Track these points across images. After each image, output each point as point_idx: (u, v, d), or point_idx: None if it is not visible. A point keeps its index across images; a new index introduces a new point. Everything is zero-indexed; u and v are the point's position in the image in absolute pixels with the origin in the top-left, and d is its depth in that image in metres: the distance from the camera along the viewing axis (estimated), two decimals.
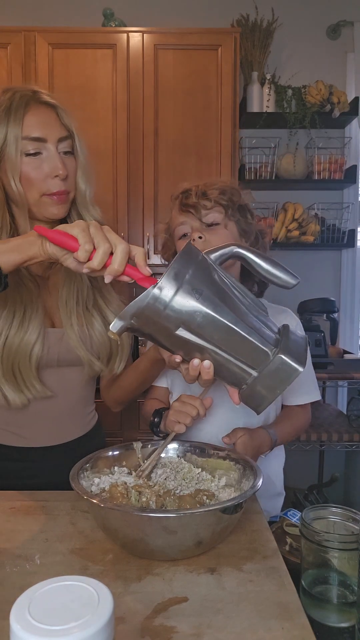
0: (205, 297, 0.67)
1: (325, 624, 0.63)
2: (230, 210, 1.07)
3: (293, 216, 2.61)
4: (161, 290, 0.66)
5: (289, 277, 0.75)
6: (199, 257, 0.70)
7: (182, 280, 0.67)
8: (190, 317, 0.67)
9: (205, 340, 0.69)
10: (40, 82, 2.38)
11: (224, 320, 0.67)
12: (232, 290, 0.71)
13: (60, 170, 0.95)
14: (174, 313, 0.67)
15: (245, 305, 0.71)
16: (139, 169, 2.45)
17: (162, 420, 1.02)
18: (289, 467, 2.75)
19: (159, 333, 0.70)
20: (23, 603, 0.40)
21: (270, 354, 0.68)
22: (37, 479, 1.01)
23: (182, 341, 0.69)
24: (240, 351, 0.69)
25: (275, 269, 0.75)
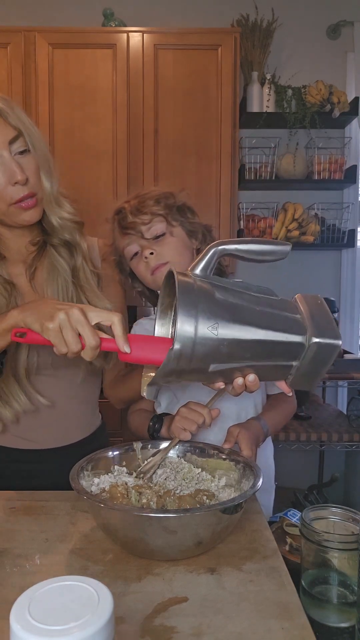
0: (221, 326, 0.66)
1: (325, 624, 0.63)
2: (170, 216, 1.06)
3: (293, 216, 2.61)
4: (180, 348, 0.65)
5: (280, 246, 0.73)
6: (194, 288, 0.68)
7: (194, 326, 0.65)
8: (216, 353, 0.66)
9: (239, 362, 0.68)
10: (40, 82, 2.38)
11: (248, 338, 0.67)
12: (239, 298, 0.69)
13: (19, 175, 0.90)
14: (200, 359, 0.66)
15: (259, 304, 0.70)
16: (139, 169, 2.45)
17: (164, 425, 1.02)
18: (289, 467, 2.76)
19: (193, 377, 0.70)
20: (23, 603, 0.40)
21: (305, 342, 0.67)
22: (41, 481, 1.00)
23: (218, 373, 0.69)
24: (275, 354, 0.68)
25: (264, 246, 0.73)
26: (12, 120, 0.91)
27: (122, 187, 2.43)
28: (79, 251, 1.03)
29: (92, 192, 2.42)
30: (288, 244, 0.73)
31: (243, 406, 1.11)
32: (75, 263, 1.03)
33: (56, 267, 1.01)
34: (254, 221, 2.66)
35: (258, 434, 1.00)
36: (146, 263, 1.06)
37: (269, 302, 0.71)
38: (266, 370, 0.71)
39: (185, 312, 0.65)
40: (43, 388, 1.02)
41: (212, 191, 2.47)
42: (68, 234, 1.01)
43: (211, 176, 2.47)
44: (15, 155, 0.92)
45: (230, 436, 0.95)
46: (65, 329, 0.74)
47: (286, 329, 0.68)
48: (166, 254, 1.05)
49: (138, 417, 1.14)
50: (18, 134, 0.91)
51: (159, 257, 1.04)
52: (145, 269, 1.07)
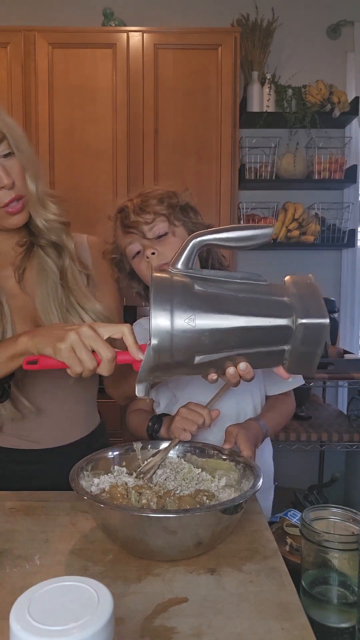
0: (199, 317, 0.65)
1: (325, 625, 0.63)
2: (173, 216, 1.06)
3: (293, 216, 2.61)
4: (158, 342, 0.65)
5: (261, 230, 0.71)
6: (170, 282, 0.68)
7: (170, 320, 0.65)
8: (198, 344, 0.66)
9: (226, 351, 0.68)
10: (40, 82, 2.38)
11: (229, 325, 0.66)
12: (220, 288, 0.69)
13: (5, 179, 0.90)
14: (182, 352, 0.66)
15: (242, 292, 0.69)
16: (139, 169, 2.45)
17: (163, 426, 1.02)
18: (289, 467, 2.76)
19: (181, 371, 0.69)
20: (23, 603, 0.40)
21: (292, 324, 0.66)
22: (41, 481, 1.00)
23: (206, 364, 0.68)
24: (262, 340, 0.67)
25: (244, 231, 0.71)
26: None
27: (122, 187, 2.43)
28: (66, 252, 1.03)
29: (92, 191, 2.42)
30: (270, 226, 0.72)
31: (242, 407, 1.11)
32: (63, 264, 1.02)
33: (45, 269, 1.01)
34: (254, 221, 2.66)
35: (257, 434, 1.00)
36: (148, 263, 1.06)
37: (253, 288, 0.70)
38: (258, 357, 0.70)
39: (159, 306, 0.65)
40: (37, 389, 1.02)
41: (212, 191, 2.47)
42: (54, 235, 1.01)
43: (211, 176, 2.47)
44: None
45: (230, 436, 0.95)
46: (78, 348, 0.73)
47: (270, 313, 0.67)
48: (168, 254, 1.05)
49: (137, 417, 1.14)
50: (1, 137, 0.90)
51: (161, 257, 1.04)
52: (147, 268, 1.07)
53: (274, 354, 0.69)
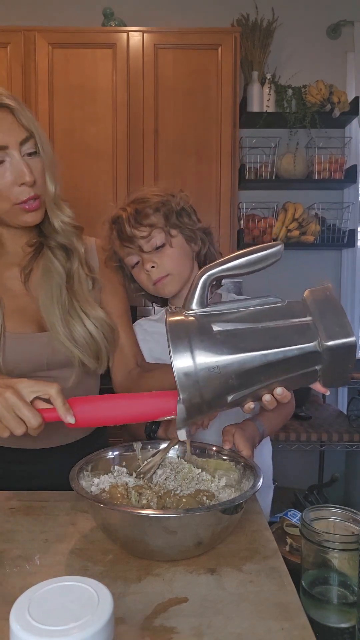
0: (223, 362, 0.64)
1: (325, 625, 0.63)
2: (169, 226, 1.05)
3: (293, 216, 2.61)
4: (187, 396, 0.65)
5: (271, 249, 0.68)
6: (186, 328, 0.67)
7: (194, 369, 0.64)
8: (227, 387, 0.65)
9: (257, 385, 0.67)
10: (40, 82, 2.38)
11: (254, 365, 0.65)
12: (238, 322, 0.67)
13: (27, 177, 0.91)
14: (211, 396, 0.65)
15: (261, 321, 0.67)
16: (139, 169, 2.45)
17: (161, 426, 1.02)
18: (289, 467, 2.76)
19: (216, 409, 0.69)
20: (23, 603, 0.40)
21: (319, 349, 0.64)
22: (41, 481, 1.00)
23: (240, 399, 0.68)
24: (291, 367, 0.66)
25: (252, 256, 0.69)
26: (25, 121, 0.92)
27: (122, 187, 2.43)
28: (75, 256, 1.03)
29: (92, 192, 2.42)
30: (279, 243, 0.69)
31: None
32: (71, 267, 1.03)
33: (51, 270, 1.01)
34: (254, 221, 2.66)
35: (254, 435, 1.00)
36: (148, 275, 1.06)
37: (272, 314, 0.68)
38: (291, 381, 0.68)
39: (179, 357, 0.64)
40: None
41: (212, 191, 2.47)
42: (66, 238, 1.02)
43: (211, 176, 2.47)
44: (24, 156, 0.92)
45: (228, 435, 0.95)
46: (3, 418, 0.73)
47: (294, 341, 0.65)
48: (167, 266, 1.05)
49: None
50: (29, 136, 0.92)
51: (160, 269, 1.05)
52: (147, 280, 1.07)
53: (306, 375, 0.67)
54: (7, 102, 0.91)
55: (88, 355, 1.01)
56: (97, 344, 1.02)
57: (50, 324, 0.99)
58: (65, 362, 1.01)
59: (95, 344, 1.02)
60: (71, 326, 1.00)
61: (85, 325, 1.01)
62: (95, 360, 1.03)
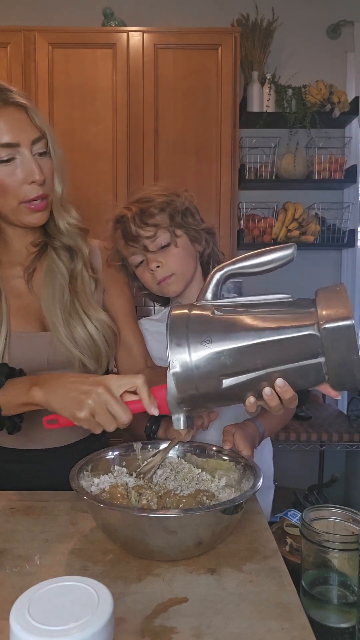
0: (216, 339, 0.64)
1: (325, 625, 0.63)
2: (174, 225, 1.05)
3: (293, 216, 2.61)
4: (177, 368, 0.65)
5: (283, 251, 0.69)
6: (187, 315, 0.68)
7: (186, 344, 0.64)
8: (220, 366, 0.65)
9: (254, 371, 0.65)
10: (40, 82, 2.38)
11: (250, 342, 0.64)
12: (242, 310, 0.67)
13: (37, 175, 0.92)
14: (205, 377, 0.65)
15: (263, 308, 0.67)
16: (139, 169, 2.45)
17: (161, 427, 1.02)
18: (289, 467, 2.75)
19: (212, 397, 0.68)
20: (23, 603, 0.40)
21: (316, 332, 0.62)
22: (41, 481, 1.00)
23: (237, 386, 0.66)
24: (290, 354, 0.64)
25: (267, 256, 0.69)
26: (38, 121, 0.93)
27: (122, 187, 2.43)
28: (79, 257, 1.03)
29: (92, 192, 2.42)
30: (291, 245, 0.69)
31: (241, 409, 1.10)
32: (75, 268, 1.03)
33: (54, 270, 1.02)
34: (254, 221, 2.66)
35: (254, 435, 1.00)
36: (152, 275, 1.06)
37: (276, 304, 0.68)
38: (293, 373, 0.65)
39: (173, 334, 0.65)
40: None
41: (212, 191, 2.47)
42: (72, 239, 1.02)
43: (211, 176, 2.47)
44: (35, 156, 0.93)
45: (228, 435, 0.95)
46: (97, 415, 0.74)
47: (291, 325, 0.64)
48: (172, 266, 1.05)
49: (135, 416, 1.14)
50: (41, 136, 0.94)
51: (165, 269, 1.05)
52: (151, 279, 1.07)
53: (310, 368, 0.65)
54: (22, 101, 0.92)
55: (88, 357, 1.01)
56: (97, 345, 1.02)
57: (51, 323, 0.99)
58: (65, 362, 1.01)
59: (95, 346, 1.02)
60: (72, 327, 1.00)
61: (86, 326, 1.01)
62: (95, 361, 1.03)
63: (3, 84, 0.94)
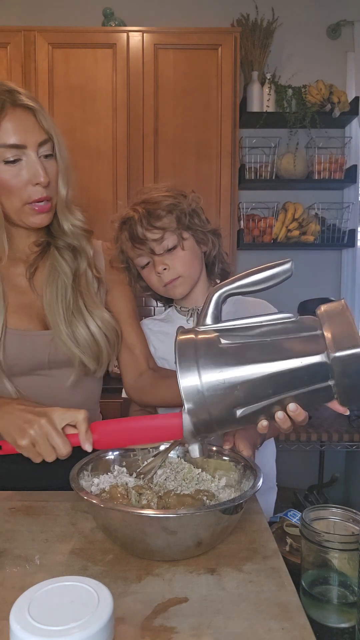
0: (227, 372, 0.64)
1: (325, 625, 0.63)
2: (182, 227, 1.04)
3: (293, 216, 2.61)
4: (191, 406, 0.64)
5: (281, 267, 0.69)
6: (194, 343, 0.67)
7: (199, 380, 0.64)
8: (233, 399, 0.64)
9: (267, 399, 0.66)
10: (40, 82, 2.38)
11: (260, 373, 0.64)
12: (248, 336, 0.67)
13: (42, 177, 0.92)
14: (218, 409, 0.65)
15: (270, 335, 0.66)
16: (139, 169, 2.45)
17: None
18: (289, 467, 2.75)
19: (227, 426, 0.68)
20: (23, 603, 0.40)
21: (327, 360, 0.63)
22: (40, 481, 1.00)
23: (250, 414, 0.66)
24: (301, 380, 0.64)
25: (265, 272, 0.69)
26: (45, 124, 0.94)
27: (122, 187, 2.44)
28: (83, 257, 1.04)
29: (92, 191, 2.42)
30: (288, 260, 0.69)
31: None
32: (79, 267, 1.03)
33: (57, 269, 1.02)
34: (254, 221, 2.66)
35: (255, 436, 1.00)
36: (159, 277, 1.06)
37: (282, 329, 0.67)
38: (304, 397, 0.66)
39: (185, 368, 0.65)
40: (38, 387, 1.02)
41: (212, 191, 2.47)
42: (76, 240, 1.03)
43: (211, 176, 2.47)
44: (40, 158, 0.94)
45: (228, 435, 0.95)
46: (37, 445, 0.78)
47: (301, 353, 0.64)
48: (178, 268, 1.05)
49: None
50: (48, 138, 0.95)
51: (172, 272, 1.05)
52: (158, 281, 1.07)
53: (320, 391, 0.65)
54: (30, 103, 0.93)
55: (89, 356, 1.01)
56: (99, 345, 1.02)
57: (53, 322, 1.00)
58: (65, 361, 1.01)
59: (96, 346, 1.02)
60: (74, 326, 1.00)
61: (89, 326, 1.01)
62: (95, 361, 1.03)
63: (12, 85, 0.94)
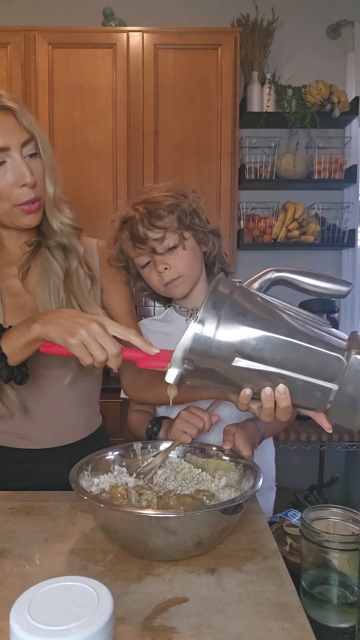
0: (251, 317, 0.63)
1: (325, 625, 0.63)
2: (183, 227, 1.04)
3: (293, 216, 2.61)
4: (203, 324, 0.63)
5: (339, 285, 0.68)
6: (234, 284, 0.67)
7: (222, 307, 0.63)
8: (242, 343, 0.63)
9: (268, 364, 0.64)
10: (40, 82, 2.39)
11: (280, 336, 0.62)
12: (284, 310, 0.66)
13: (28, 178, 0.91)
14: (223, 343, 0.63)
15: (301, 319, 0.66)
16: (139, 169, 2.45)
17: (162, 428, 1.02)
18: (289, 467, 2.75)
19: (216, 371, 0.66)
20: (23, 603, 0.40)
21: (344, 358, 0.62)
22: (41, 481, 1.00)
23: (244, 372, 0.64)
24: (310, 365, 0.63)
25: (321, 281, 0.68)
26: (26, 124, 0.93)
27: (122, 187, 2.43)
28: (74, 255, 1.03)
29: (92, 191, 2.42)
30: (349, 284, 0.68)
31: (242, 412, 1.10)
32: (70, 267, 1.03)
33: (48, 269, 1.02)
34: (254, 221, 2.66)
35: (254, 435, 1.00)
36: (160, 276, 1.06)
37: (315, 322, 0.67)
38: (301, 385, 0.65)
39: (216, 293, 0.64)
40: (36, 387, 1.02)
41: (212, 191, 2.47)
42: (66, 239, 1.02)
43: (211, 176, 2.47)
44: (25, 158, 0.93)
45: (228, 435, 0.95)
46: (88, 343, 0.77)
47: (325, 342, 0.63)
48: (179, 268, 1.05)
49: (138, 418, 1.14)
50: (30, 138, 0.93)
51: (173, 271, 1.05)
52: (158, 281, 1.07)
53: (319, 389, 0.64)
54: (9, 104, 0.92)
55: None
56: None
57: None
58: (62, 361, 1.01)
59: None
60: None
61: None
62: None
63: None
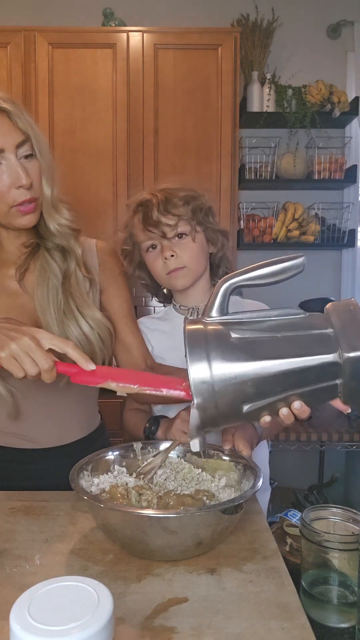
0: (239, 368, 0.63)
1: (325, 625, 0.63)
2: (196, 221, 1.06)
3: (293, 216, 2.61)
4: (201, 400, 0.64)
5: (292, 261, 0.67)
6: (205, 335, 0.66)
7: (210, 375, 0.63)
8: (243, 395, 0.64)
9: (274, 395, 0.65)
10: (40, 82, 2.39)
11: (272, 371, 0.63)
12: (258, 331, 0.66)
13: (24, 179, 0.91)
14: (227, 404, 0.64)
15: (281, 331, 0.66)
16: (139, 169, 2.45)
17: (160, 428, 1.02)
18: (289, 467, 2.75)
19: (231, 421, 0.68)
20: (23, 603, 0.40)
21: (339, 359, 0.62)
22: (40, 481, 1.00)
23: (256, 410, 0.66)
24: (310, 379, 0.64)
25: (276, 266, 0.68)
26: (21, 125, 0.92)
27: (122, 187, 2.43)
28: (72, 257, 1.03)
29: (92, 191, 2.42)
30: (300, 255, 0.67)
31: None
32: (68, 268, 1.03)
33: (46, 270, 1.01)
34: (254, 221, 2.66)
35: (252, 436, 1.00)
36: (164, 263, 1.06)
37: (292, 325, 0.67)
38: (310, 394, 0.66)
39: (196, 363, 0.64)
40: (33, 388, 1.02)
41: (213, 191, 2.47)
42: (64, 240, 1.02)
43: (211, 176, 2.47)
44: (20, 159, 0.93)
45: (228, 435, 0.95)
46: (18, 357, 0.78)
47: (314, 351, 0.63)
48: (185, 259, 1.06)
49: (134, 416, 1.14)
50: (26, 139, 0.93)
51: (178, 260, 1.05)
52: (161, 268, 1.07)
53: (326, 389, 0.65)
54: (4, 105, 0.91)
55: None
56: (92, 345, 1.01)
57: (45, 323, 0.99)
58: None
59: (89, 345, 1.01)
60: (66, 326, 1.00)
61: (80, 326, 1.00)
62: None
63: None
